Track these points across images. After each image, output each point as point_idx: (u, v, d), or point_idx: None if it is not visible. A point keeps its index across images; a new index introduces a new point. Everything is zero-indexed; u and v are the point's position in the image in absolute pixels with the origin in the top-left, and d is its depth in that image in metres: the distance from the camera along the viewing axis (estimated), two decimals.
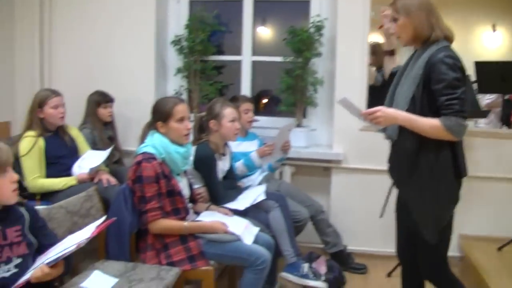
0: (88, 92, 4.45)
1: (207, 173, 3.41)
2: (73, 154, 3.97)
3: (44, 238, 2.26)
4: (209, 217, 3.08)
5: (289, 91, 4.49)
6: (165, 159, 2.94)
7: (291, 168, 4.53)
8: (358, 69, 4.35)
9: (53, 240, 2.29)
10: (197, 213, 3.21)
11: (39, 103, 3.81)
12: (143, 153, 2.91)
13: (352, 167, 4.47)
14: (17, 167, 3.72)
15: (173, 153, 2.94)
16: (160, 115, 2.95)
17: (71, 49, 4.88)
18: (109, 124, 4.49)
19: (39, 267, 2.00)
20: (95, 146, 4.26)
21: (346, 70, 4.37)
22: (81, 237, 2.03)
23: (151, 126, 3.03)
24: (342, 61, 4.39)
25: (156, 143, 2.92)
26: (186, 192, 3.08)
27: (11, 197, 2.13)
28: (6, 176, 2.07)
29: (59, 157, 3.84)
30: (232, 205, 3.41)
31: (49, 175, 3.78)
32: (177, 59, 4.80)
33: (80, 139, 4.08)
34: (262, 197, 3.55)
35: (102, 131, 4.38)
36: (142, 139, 3.04)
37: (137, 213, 2.91)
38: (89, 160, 3.85)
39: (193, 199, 3.20)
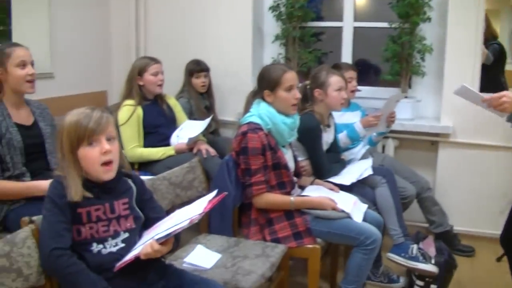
0: (185, 61, 4.37)
1: (311, 145, 3.22)
2: (171, 123, 3.90)
3: (151, 212, 2.14)
4: (315, 192, 2.90)
5: (394, 59, 4.20)
6: (271, 130, 2.78)
7: (394, 141, 4.27)
8: (472, 37, 3.99)
9: (161, 213, 2.17)
10: (301, 187, 3.04)
11: (138, 71, 3.76)
12: (249, 123, 2.76)
13: (462, 141, 4.14)
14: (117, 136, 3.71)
15: (280, 123, 2.77)
16: (268, 83, 2.78)
17: (166, 18, 4.80)
18: (206, 94, 4.39)
19: (149, 243, 1.87)
20: (192, 116, 4.18)
21: (458, 38, 4.02)
22: (193, 213, 1.86)
23: (257, 94, 2.86)
24: (454, 27, 4.03)
25: (262, 113, 2.76)
26: (291, 165, 2.91)
27: (101, 172, 1.94)
28: (95, 147, 1.92)
29: (157, 126, 3.78)
30: (336, 179, 3.21)
31: (147, 144, 3.73)
32: (274, 26, 4.60)
33: (177, 108, 4.01)
34: (369, 172, 3.34)
35: (199, 100, 4.28)
36: (246, 108, 2.88)
37: (240, 186, 2.78)
38: (187, 130, 3.77)
39: (297, 172, 3.03)
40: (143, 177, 2.55)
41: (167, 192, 2.64)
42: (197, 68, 4.29)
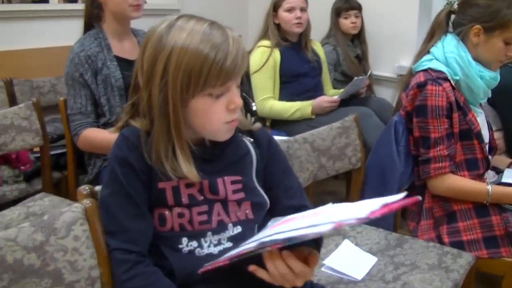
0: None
1: (509, 110, 2.29)
2: (317, 73, 3.16)
3: (284, 194, 1.36)
4: None
5: None
6: (459, 84, 1.90)
7: None
8: None
9: (300, 199, 1.38)
10: (496, 169, 2.13)
11: (274, 5, 3.05)
12: (427, 69, 1.90)
13: None
14: (247, 83, 3.06)
15: (475, 76, 1.88)
16: (487, 14, 1.85)
17: None
18: (357, 40, 3.53)
19: (269, 255, 1.10)
20: (338, 67, 3.39)
21: None
22: (351, 214, 1.02)
23: (454, 27, 1.96)
24: None
25: (451, 57, 1.88)
26: (485, 132, 2.02)
27: (223, 132, 1.22)
28: (220, 98, 1.18)
29: (298, 76, 3.05)
30: None
31: (283, 97, 3.01)
32: None
33: (322, 57, 3.24)
34: None
35: (348, 48, 3.44)
36: (429, 41, 2.00)
37: (412, 160, 1.95)
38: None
39: (491, 146, 2.11)
40: (279, 138, 1.80)
41: (307, 161, 1.84)
42: (345, 5, 3.45)
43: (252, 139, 1.34)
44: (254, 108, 3.05)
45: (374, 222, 1.97)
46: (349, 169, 1.99)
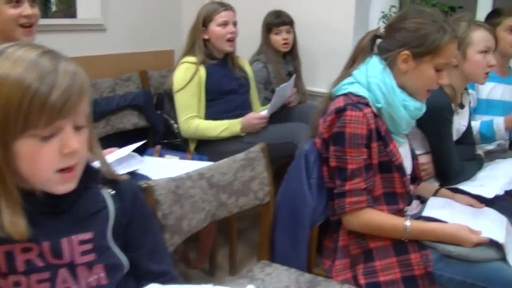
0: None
1: (436, 134, 2.14)
2: (244, 91, 2.99)
3: (147, 258, 1.17)
4: (444, 212, 1.83)
5: None
6: (381, 112, 1.73)
7: None
8: None
9: (165, 266, 1.19)
10: (420, 198, 1.98)
11: (203, 20, 2.85)
12: (347, 94, 1.73)
13: None
14: (169, 102, 2.86)
15: (398, 106, 1.71)
16: (422, 42, 1.69)
17: None
18: (289, 56, 3.36)
19: None
20: (269, 85, 3.23)
21: None
22: None
23: (380, 51, 1.79)
24: None
25: (374, 82, 1.71)
26: (408, 164, 1.86)
27: (55, 182, 1.01)
28: (51, 141, 0.98)
29: (225, 93, 2.88)
30: (472, 188, 2.12)
31: (209, 115, 2.83)
32: None
33: (252, 80, 3.10)
34: None
35: (279, 64, 3.27)
36: (350, 66, 1.84)
37: (326, 193, 1.78)
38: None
39: (415, 175, 1.96)
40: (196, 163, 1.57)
41: (203, 200, 1.61)
42: (276, 20, 3.27)
43: (113, 191, 1.13)
44: (176, 130, 2.85)
45: (287, 259, 1.81)
46: (256, 204, 1.79)
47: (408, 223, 1.68)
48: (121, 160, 2.00)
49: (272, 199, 1.84)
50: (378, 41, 1.81)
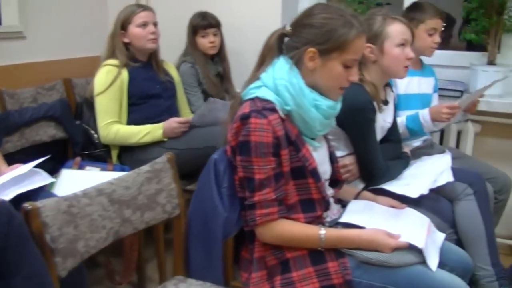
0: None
1: (358, 133, 2.09)
2: (170, 95, 2.90)
3: (23, 285, 1.05)
4: (363, 215, 1.76)
5: (480, 10, 2.96)
6: (292, 114, 1.65)
7: (475, 126, 3.06)
8: None
9: None
10: (341, 202, 1.91)
11: (122, 23, 2.76)
12: (254, 99, 1.64)
13: None
14: (88, 111, 2.76)
15: (308, 107, 1.63)
16: (328, 38, 1.61)
17: None
18: (217, 57, 3.26)
19: None
20: (200, 85, 3.13)
21: None
22: None
23: (288, 50, 1.70)
24: None
25: (281, 84, 1.63)
26: (325, 168, 1.79)
27: None
28: None
29: (149, 97, 2.77)
30: (397, 188, 2.08)
31: (133, 121, 2.73)
32: None
33: (179, 84, 3.01)
34: (447, 177, 2.18)
35: (206, 66, 3.16)
36: (258, 68, 1.74)
37: (238, 203, 1.68)
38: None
39: (336, 178, 1.89)
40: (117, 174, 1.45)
41: (103, 218, 1.48)
42: (202, 23, 3.15)
43: None
44: (97, 140, 2.71)
45: (202, 273, 1.72)
46: (164, 219, 1.69)
47: (322, 232, 1.60)
48: (22, 177, 1.87)
49: (183, 211, 1.74)
50: (287, 40, 1.73)
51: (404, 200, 1.99)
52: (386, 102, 2.25)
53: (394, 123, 2.34)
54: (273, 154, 1.57)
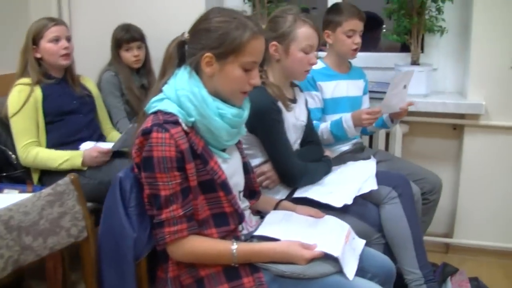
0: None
1: (268, 135, 2.08)
2: (89, 110, 2.78)
3: None
4: (280, 227, 1.72)
5: (400, 12, 2.98)
6: (197, 125, 1.59)
7: (402, 126, 3.08)
8: None
9: None
10: (260, 213, 1.86)
11: (33, 38, 2.63)
12: (157, 112, 1.57)
13: (497, 124, 2.95)
14: (4, 131, 2.62)
15: (212, 116, 1.58)
16: (222, 42, 1.57)
17: None
18: (143, 70, 3.18)
19: None
20: (122, 96, 3.03)
21: None
22: None
23: (187, 58, 1.64)
24: None
25: (183, 94, 1.57)
26: (238, 179, 1.74)
27: None
28: None
29: (66, 113, 2.65)
30: (320, 195, 2.05)
31: (50, 140, 2.60)
32: None
33: (97, 95, 2.89)
34: (372, 185, 2.16)
35: (130, 78, 3.07)
36: (160, 80, 1.68)
37: (148, 223, 1.61)
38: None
39: (252, 188, 1.84)
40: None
41: (0, 246, 1.40)
42: (126, 36, 3.06)
43: None
44: (15, 161, 2.58)
45: None
46: (71, 243, 1.60)
47: (234, 247, 1.55)
48: None
49: (92, 233, 1.66)
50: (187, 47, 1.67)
51: (329, 209, 1.97)
52: (294, 100, 2.23)
53: (310, 123, 2.32)
54: (177, 169, 1.51)
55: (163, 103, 1.58)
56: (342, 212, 2.01)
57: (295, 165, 2.10)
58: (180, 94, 1.57)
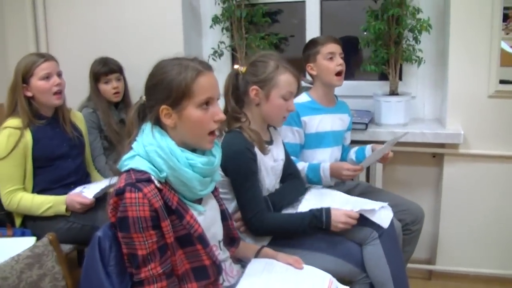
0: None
1: (238, 177, 2.07)
2: (78, 153, 2.74)
3: None
4: (261, 278, 1.72)
5: (378, 42, 3.01)
6: (169, 180, 1.59)
7: None
8: (488, 2, 2.79)
9: None
10: (241, 262, 1.85)
11: (23, 75, 2.53)
12: (129, 170, 1.57)
13: (476, 153, 2.98)
14: None
15: (183, 170, 1.58)
16: (170, 92, 1.58)
17: (71, 4, 3.55)
18: (122, 104, 3.16)
19: None
20: (101, 132, 3.02)
21: (467, 6, 2.83)
22: None
23: (147, 114, 1.66)
24: None
25: (151, 150, 1.57)
26: (216, 229, 1.74)
27: None
28: None
29: (55, 159, 2.60)
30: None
31: (39, 184, 2.56)
32: (213, 4, 3.42)
33: (84, 128, 2.87)
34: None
35: (109, 112, 3.06)
36: (129, 137, 1.67)
37: (129, 281, 1.59)
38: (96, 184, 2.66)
39: (231, 235, 1.84)
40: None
41: None
42: (104, 69, 3.05)
43: None
44: None
45: None
46: None
47: None
48: None
49: None
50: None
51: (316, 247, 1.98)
52: (270, 142, 2.25)
53: (288, 158, 2.35)
54: (153, 228, 1.51)
55: (134, 160, 1.58)
56: (326, 253, 2.02)
57: (257, 217, 2.06)
58: (149, 150, 1.57)
